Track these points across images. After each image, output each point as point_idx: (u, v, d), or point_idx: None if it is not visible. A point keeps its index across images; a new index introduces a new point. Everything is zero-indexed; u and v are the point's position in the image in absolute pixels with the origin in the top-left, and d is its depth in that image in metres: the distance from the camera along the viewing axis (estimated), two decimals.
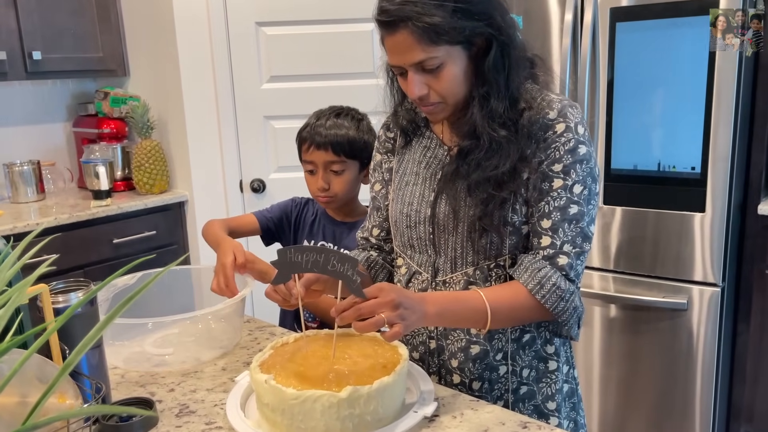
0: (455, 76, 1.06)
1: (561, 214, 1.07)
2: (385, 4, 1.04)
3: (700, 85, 2.05)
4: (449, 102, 1.09)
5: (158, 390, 1.14)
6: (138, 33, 2.89)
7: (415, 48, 1.03)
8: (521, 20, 2.35)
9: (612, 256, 2.32)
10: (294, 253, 1.03)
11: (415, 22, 1.01)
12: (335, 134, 1.49)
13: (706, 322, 2.19)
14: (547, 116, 1.08)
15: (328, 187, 1.52)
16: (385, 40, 1.07)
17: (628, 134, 2.22)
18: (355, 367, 1.02)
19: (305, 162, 1.55)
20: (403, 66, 1.07)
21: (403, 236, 1.21)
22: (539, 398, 1.19)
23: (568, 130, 1.07)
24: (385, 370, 1.00)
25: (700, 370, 2.23)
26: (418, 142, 1.24)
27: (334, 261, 1.00)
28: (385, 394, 0.96)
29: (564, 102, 1.09)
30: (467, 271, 1.14)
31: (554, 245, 1.07)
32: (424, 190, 1.18)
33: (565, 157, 1.07)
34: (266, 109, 2.76)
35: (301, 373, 1.00)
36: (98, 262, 2.63)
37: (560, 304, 1.07)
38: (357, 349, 1.07)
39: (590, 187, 1.09)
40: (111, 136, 2.95)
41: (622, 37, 2.17)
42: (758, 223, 2.17)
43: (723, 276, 2.16)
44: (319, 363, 1.03)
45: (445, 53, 1.04)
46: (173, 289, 1.50)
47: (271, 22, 2.70)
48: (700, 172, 2.10)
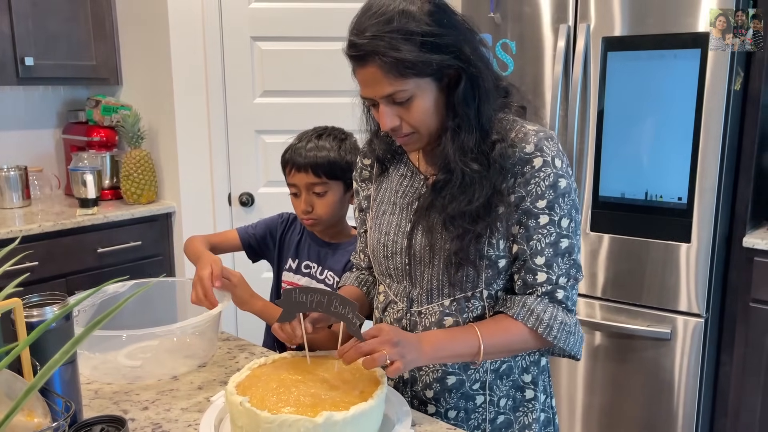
0: (426, 109, 1.06)
1: (553, 250, 1.08)
2: (354, 39, 1.04)
3: (688, 116, 2.07)
4: (422, 132, 1.09)
5: (131, 408, 1.12)
6: (133, 42, 2.89)
7: (384, 81, 1.03)
8: (514, 45, 2.37)
9: (598, 283, 2.33)
10: (299, 294, 1.09)
11: (382, 56, 1.01)
12: (315, 156, 1.48)
13: (689, 353, 2.19)
14: (524, 150, 1.07)
15: (311, 210, 1.50)
16: (355, 72, 1.08)
17: (616, 162, 2.23)
18: (333, 391, 1.01)
19: (290, 185, 1.54)
20: (374, 98, 1.07)
21: (380, 265, 1.21)
22: (516, 427, 1.18)
23: (546, 164, 1.07)
24: (363, 396, 0.99)
25: (683, 400, 2.22)
26: (395, 170, 1.24)
27: (336, 303, 1.05)
28: (362, 420, 0.95)
29: (540, 134, 1.09)
30: (443, 303, 1.14)
31: (550, 281, 1.09)
32: (400, 220, 1.18)
33: (547, 193, 1.07)
34: (258, 124, 2.76)
35: (277, 396, 0.98)
36: (81, 272, 2.60)
37: (570, 338, 1.10)
38: (336, 374, 1.06)
39: (575, 219, 1.10)
40: (100, 144, 2.93)
41: (614, 67, 2.19)
42: (743, 255, 2.18)
43: (707, 307, 2.16)
44: (295, 386, 1.02)
45: (415, 86, 1.04)
46: (158, 301, 1.49)
47: (266, 37, 2.70)
48: (687, 202, 2.11)
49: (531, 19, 2.32)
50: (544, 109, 2.33)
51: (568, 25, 2.25)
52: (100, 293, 1.39)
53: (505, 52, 2.39)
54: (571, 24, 2.25)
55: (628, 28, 2.15)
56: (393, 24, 1.01)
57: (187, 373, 1.26)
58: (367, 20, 1.04)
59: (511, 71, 2.39)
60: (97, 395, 1.17)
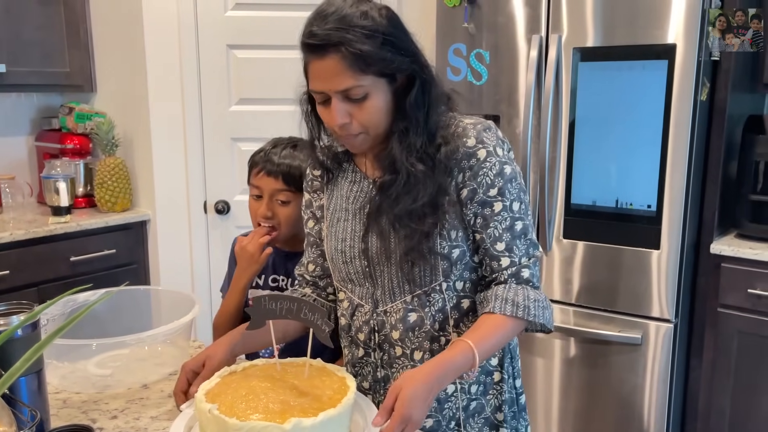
0: (378, 108, 1.08)
1: (510, 233, 1.13)
2: (315, 29, 1.04)
3: (657, 126, 2.12)
4: (370, 133, 1.11)
5: (100, 417, 1.12)
6: (107, 50, 2.87)
7: (344, 74, 1.04)
8: (488, 55, 2.41)
9: (572, 290, 2.36)
10: (269, 302, 1.09)
11: (347, 47, 1.02)
12: (289, 164, 1.49)
13: (660, 357, 2.23)
14: (466, 145, 1.11)
15: (272, 215, 1.50)
16: (310, 64, 1.07)
17: (588, 170, 2.27)
18: (302, 398, 1.01)
19: (253, 186, 1.53)
20: (327, 92, 1.07)
21: (341, 272, 1.23)
22: (488, 410, 1.23)
23: (489, 155, 1.11)
24: (331, 402, 1.00)
25: (655, 404, 2.26)
26: (343, 177, 1.25)
27: (306, 310, 1.07)
28: (330, 425, 0.96)
29: (478, 127, 1.13)
30: (406, 299, 1.17)
31: (514, 263, 1.13)
32: (355, 225, 1.20)
33: (496, 181, 1.12)
34: (234, 131, 2.76)
35: (246, 403, 0.99)
36: (54, 280, 2.57)
37: (545, 312, 1.13)
38: (305, 381, 1.07)
39: (524, 201, 1.16)
40: (74, 151, 2.91)
41: (585, 77, 2.23)
42: (711, 261, 2.22)
43: (677, 312, 2.20)
44: (264, 393, 1.02)
45: (371, 83, 1.06)
46: (131, 310, 1.48)
47: (242, 45, 2.71)
48: (656, 210, 2.15)
49: (505, 29, 2.36)
50: (517, 117, 2.37)
51: (540, 35, 2.29)
52: (70, 302, 1.39)
53: (479, 61, 2.42)
54: (543, 35, 2.29)
55: (599, 39, 2.19)
56: (356, 20, 1.04)
57: (157, 381, 1.26)
58: (328, 15, 1.05)
59: (485, 80, 2.42)
60: (66, 405, 1.16)
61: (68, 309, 1.39)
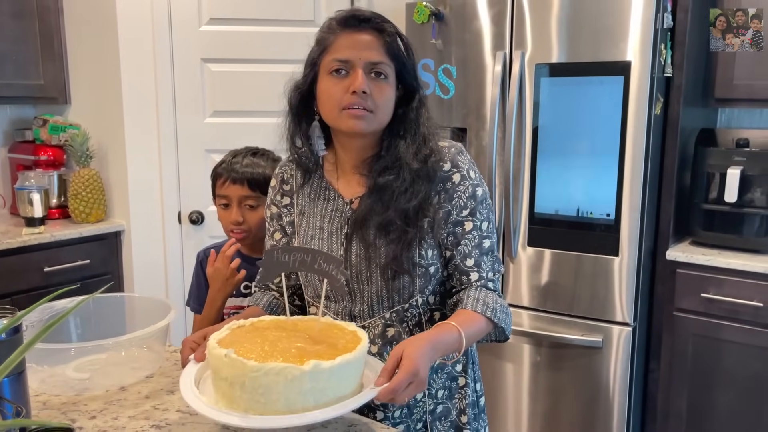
0: (391, 97, 1.19)
1: (479, 251, 1.22)
2: (360, 12, 1.17)
3: (614, 139, 2.22)
4: (378, 115, 1.17)
5: (79, 417, 1.16)
6: (82, 62, 2.90)
7: (377, 50, 1.15)
8: (455, 70, 2.50)
9: (537, 295, 2.44)
10: (281, 254, 1.08)
11: (388, 32, 1.16)
12: (252, 171, 1.57)
13: (620, 360, 2.32)
14: (443, 168, 1.21)
15: (243, 221, 1.57)
16: (341, 36, 1.16)
17: (550, 181, 2.37)
18: (318, 345, 1.02)
19: (219, 196, 1.61)
20: (356, 61, 1.14)
21: (316, 288, 1.27)
22: (454, 413, 1.30)
23: (463, 178, 1.22)
24: (346, 349, 1.01)
25: (617, 405, 2.35)
26: (315, 195, 1.28)
27: (321, 261, 1.06)
28: (346, 370, 0.97)
29: (452, 150, 1.23)
30: (384, 315, 1.23)
31: (481, 277, 1.23)
32: (331, 245, 1.24)
33: (468, 203, 1.21)
34: (208, 143, 2.81)
35: (261, 348, 0.99)
36: (27, 291, 2.58)
37: (507, 319, 1.22)
38: (317, 332, 1.08)
39: (492, 220, 1.25)
40: (48, 163, 2.93)
41: (547, 91, 2.33)
42: (667, 267, 2.33)
43: (635, 316, 2.30)
44: (279, 341, 1.02)
45: (392, 70, 1.18)
46: (108, 318, 1.51)
47: (216, 59, 2.77)
48: (615, 219, 2.26)
49: (472, 45, 2.46)
50: (483, 130, 2.46)
51: (504, 52, 2.39)
52: (47, 309, 1.42)
53: (447, 76, 2.52)
54: (507, 51, 2.39)
55: (560, 55, 2.30)
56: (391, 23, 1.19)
57: (134, 383, 1.30)
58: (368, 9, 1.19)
59: (453, 95, 2.51)
60: (46, 406, 1.20)
61: (46, 316, 1.43)
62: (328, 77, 1.17)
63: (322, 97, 1.19)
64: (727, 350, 2.23)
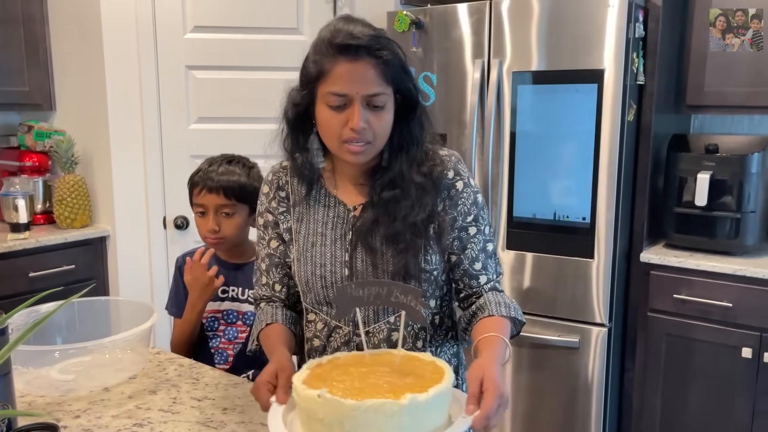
0: (389, 121, 1.18)
1: (484, 254, 1.28)
2: (354, 31, 1.11)
3: (589, 144, 2.29)
4: (376, 145, 1.17)
5: (64, 417, 1.20)
6: (67, 69, 2.93)
7: (374, 81, 1.12)
8: (435, 78, 2.56)
9: (517, 298, 2.49)
10: (355, 289, 1.06)
11: (384, 56, 1.12)
12: (227, 180, 1.60)
13: (597, 360, 2.38)
14: (447, 176, 1.25)
15: (219, 229, 1.61)
16: (338, 65, 1.11)
17: (528, 185, 2.43)
18: (406, 378, 1.01)
19: (196, 205, 1.64)
20: (353, 95, 1.12)
21: (317, 295, 1.26)
22: None
23: (466, 186, 1.26)
24: (434, 380, 1.00)
25: (594, 404, 2.41)
26: (315, 201, 1.27)
27: (398, 293, 1.04)
28: (440, 400, 0.97)
29: (453, 159, 1.27)
30: (389, 320, 1.24)
31: (489, 279, 1.28)
32: (335, 251, 1.24)
33: (471, 209, 1.27)
34: (193, 149, 2.84)
35: (352, 385, 0.98)
36: (12, 296, 2.60)
37: (518, 312, 1.24)
38: (398, 365, 1.07)
39: (491, 224, 1.32)
40: (33, 169, 2.95)
41: (524, 99, 2.40)
42: (641, 269, 2.40)
43: (610, 317, 2.37)
44: (366, 376, 1.02)
45: (389, 96, 1.16)
46: (92, 322, 1.54)
47: (200, 66, 2.80)
48: (590, 222, 2.32)
49: (452, 53, 2.52)
50: (463, 136, 2.52)
51: (483, 60, 2.45)
52: (32, 313, 1.45)
53: (427, 83, 2.57)
54: (486, 59, 2.45)
55: (537, 64, 2.36)
56: (387, 37, 1.15)
57: (118, 384, 1.34)
58: (362, 24, 1.14)
59: (433, 101, 2.57)
60: (31, 406, 1.24)
61: (30, 319, 1.46)
62: (326, 108, 1.15)
63: (322, 126, 1.18)
64: (699, 349, 2.30)
